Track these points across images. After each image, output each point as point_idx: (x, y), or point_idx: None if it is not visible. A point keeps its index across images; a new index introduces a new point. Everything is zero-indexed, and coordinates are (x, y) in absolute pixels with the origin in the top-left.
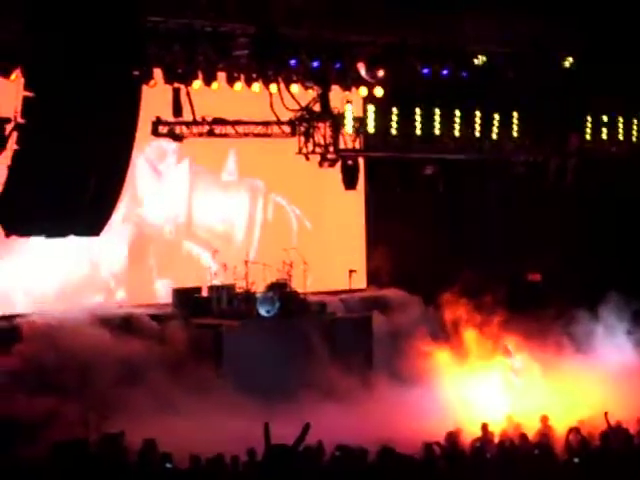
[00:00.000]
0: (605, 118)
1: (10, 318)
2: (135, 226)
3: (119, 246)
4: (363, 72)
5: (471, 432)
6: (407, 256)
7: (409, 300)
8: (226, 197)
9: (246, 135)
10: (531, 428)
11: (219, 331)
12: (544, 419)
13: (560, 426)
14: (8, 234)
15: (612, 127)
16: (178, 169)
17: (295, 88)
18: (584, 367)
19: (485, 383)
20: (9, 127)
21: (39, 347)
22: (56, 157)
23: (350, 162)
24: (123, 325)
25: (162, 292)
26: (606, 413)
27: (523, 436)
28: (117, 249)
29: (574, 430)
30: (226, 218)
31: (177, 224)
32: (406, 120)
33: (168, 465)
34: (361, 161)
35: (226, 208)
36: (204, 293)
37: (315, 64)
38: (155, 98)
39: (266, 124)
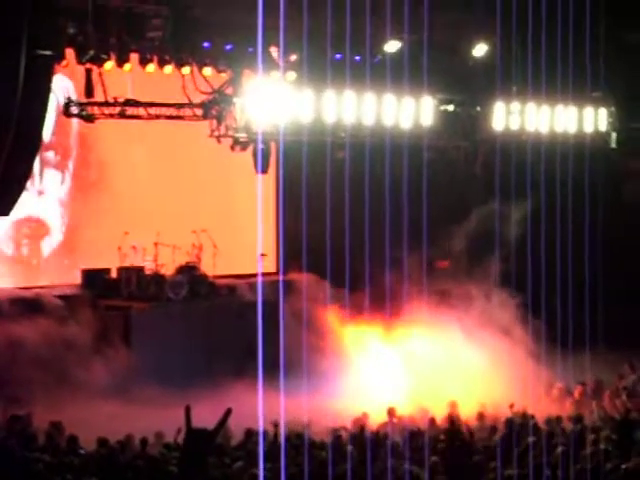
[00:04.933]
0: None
1: None
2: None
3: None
4: (276, 56)
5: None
6: (318, 240)
7: (318, 285)
8: None
9: (157, 117)
10: (438, 412)
11: (128, 313)
12: (453, 405)
13: (464, 410)
14: None
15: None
16: None
17: (208, 71)
18: (484, 350)
19: (388, 368)
20: None
21: None
22: None
23: (262, 146)
24: (31, 306)
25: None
26: (512, 405)
27: (432, 420)
28: None
29: (480, 415)
30: None
31: None
32: (318, 103)
33: (81, 451)
34: (273, 145)
35: None
36: (113, 274)
37: (228, 47)
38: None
39: (179, 106)
